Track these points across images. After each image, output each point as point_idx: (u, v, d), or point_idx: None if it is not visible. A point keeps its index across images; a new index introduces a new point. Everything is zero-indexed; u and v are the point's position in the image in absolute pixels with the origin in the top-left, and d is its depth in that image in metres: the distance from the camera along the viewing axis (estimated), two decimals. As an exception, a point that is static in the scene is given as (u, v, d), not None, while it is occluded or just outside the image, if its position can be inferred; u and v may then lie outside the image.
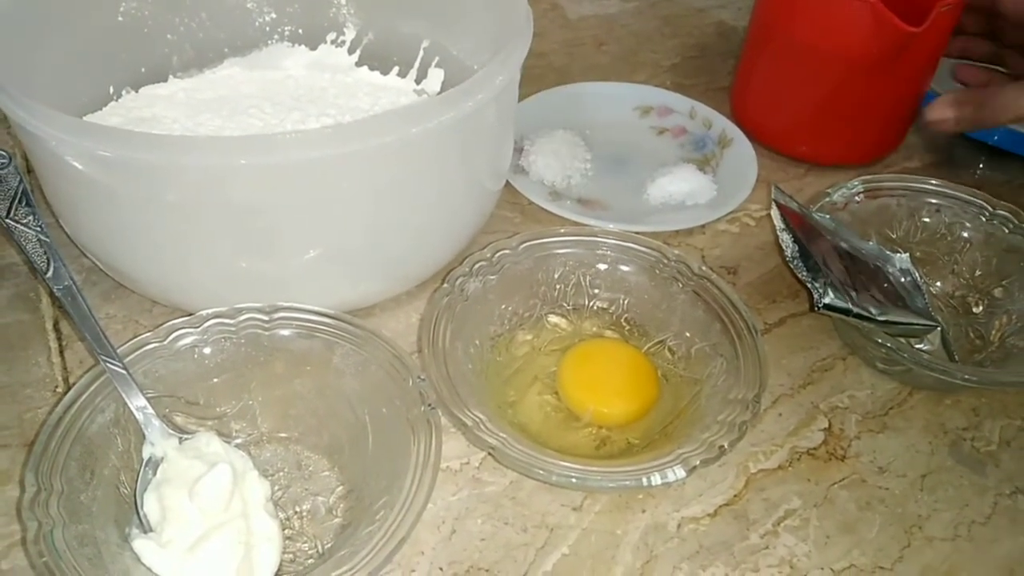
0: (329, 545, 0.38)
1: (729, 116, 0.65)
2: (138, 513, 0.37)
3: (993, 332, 0.49)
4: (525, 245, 0.47)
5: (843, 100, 0.58)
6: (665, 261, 0.47)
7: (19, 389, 0.44)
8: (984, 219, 0.51)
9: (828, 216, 0.50)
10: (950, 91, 0.57)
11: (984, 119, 0.55)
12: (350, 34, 0.61)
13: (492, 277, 0.46)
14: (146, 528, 0.36)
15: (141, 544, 0.35)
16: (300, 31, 0.61)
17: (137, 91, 0.56)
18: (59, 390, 0.44)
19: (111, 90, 0.55)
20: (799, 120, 0.61)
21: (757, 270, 0.55)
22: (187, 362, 0.40)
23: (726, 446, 0.38)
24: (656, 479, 0.37)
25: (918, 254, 0.52)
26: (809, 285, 0.44)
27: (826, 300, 0.43)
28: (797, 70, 0.58)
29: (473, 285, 0.45)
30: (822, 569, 0.39)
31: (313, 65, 0.60)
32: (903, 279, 0.50)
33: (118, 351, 0.38)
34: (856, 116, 0.59)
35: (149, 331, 0.40)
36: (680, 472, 0.37)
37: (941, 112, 0.56)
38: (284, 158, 0.38)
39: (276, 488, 0.40)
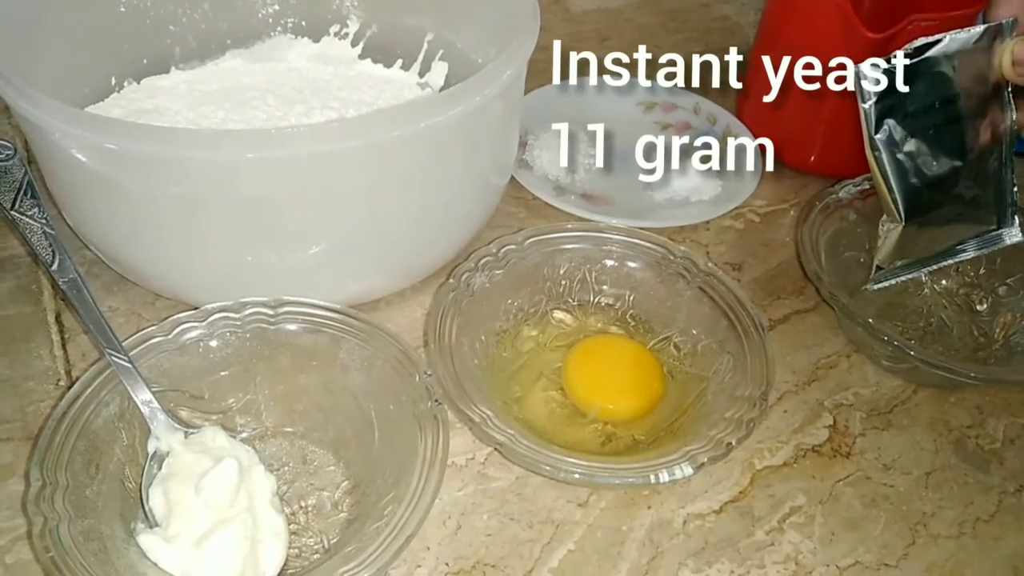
0: (335, 540, 0.37)
1: (733, 111, 0.64)
2: (144, 508, 0.36)
3: (997, 330, 0.50)
4: (531, 240, 0.47)
5: (844, 114, 0.54)
6: (671, 257, 0.47)
7: (21, 382, 0.44)
8: (989, 217, 0.51)
9: None
10: None
11: None
12: (353, 26, 0.60)
13: (498, 272, 0.46)
14: (152, 523, 0.36)
15: (147, 539, 0.35)
16: (303, 23, 0.60)
17: (139, 82, 0.55)
18: (62, 383, 0.44)
19: (113, 81, 0.54)
20: (805, 133, 0.59)
21: (761, 266, 0.55)
22: (192, 356, 0.40)
23: (734, 443, 0.38)
24: (664, 476, 0.37)
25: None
26: None
27: None
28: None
29: (479, 280, 0.45)
30: (827, 566, 0.39)
31: (316, 57, 0.60)
32: None
33: (123, 344, 0.38)
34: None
35: (152, 324, 0.39)
36: (687, 469, 0.37)
37: None
38: (291, 152, 0.38)
39: (282, 483, 0.39)
